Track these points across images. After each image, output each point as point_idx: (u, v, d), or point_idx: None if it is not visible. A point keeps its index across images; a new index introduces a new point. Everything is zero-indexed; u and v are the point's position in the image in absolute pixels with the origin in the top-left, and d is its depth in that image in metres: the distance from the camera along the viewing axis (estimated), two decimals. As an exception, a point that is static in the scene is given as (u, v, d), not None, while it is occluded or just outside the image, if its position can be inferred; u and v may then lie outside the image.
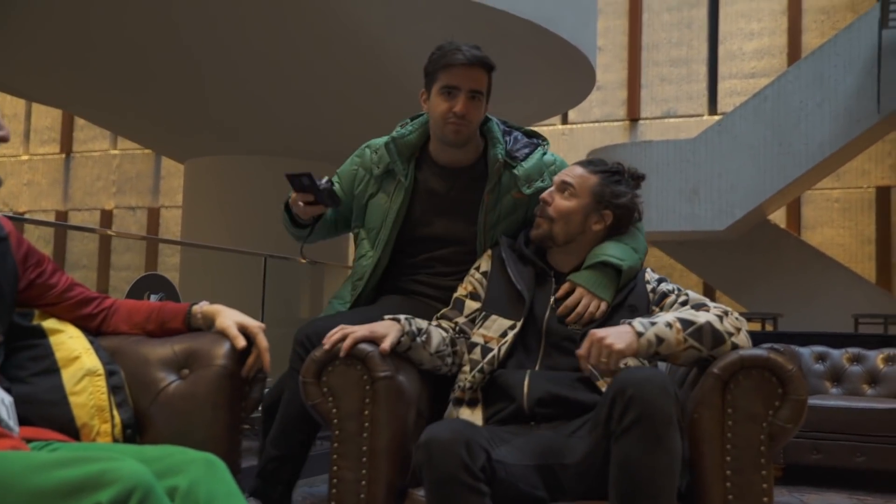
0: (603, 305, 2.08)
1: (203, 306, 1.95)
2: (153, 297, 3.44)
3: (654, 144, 10.43)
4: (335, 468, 1.97)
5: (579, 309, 2.07)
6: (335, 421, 1.98)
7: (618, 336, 1.84)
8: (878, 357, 5.05)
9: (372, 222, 2.40)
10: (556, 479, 1.85)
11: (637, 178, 2.24)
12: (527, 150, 2.35)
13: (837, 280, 10.69)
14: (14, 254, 1.77)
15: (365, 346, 1.97)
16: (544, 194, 2.18)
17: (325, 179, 2.30)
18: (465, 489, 1.69)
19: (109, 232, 11.74)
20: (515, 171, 2.31)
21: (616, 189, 2.17)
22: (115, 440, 1.74)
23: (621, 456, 1.70)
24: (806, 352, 5.13)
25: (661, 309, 2.09)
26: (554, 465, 1.86)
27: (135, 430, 1.79)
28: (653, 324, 1.89)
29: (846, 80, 9.51)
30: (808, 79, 9.70)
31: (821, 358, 5.14)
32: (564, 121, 12.99)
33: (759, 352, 1.89)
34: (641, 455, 1.68)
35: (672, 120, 12.50)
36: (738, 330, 1.93)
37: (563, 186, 2.17)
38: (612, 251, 2.13)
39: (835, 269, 10.83)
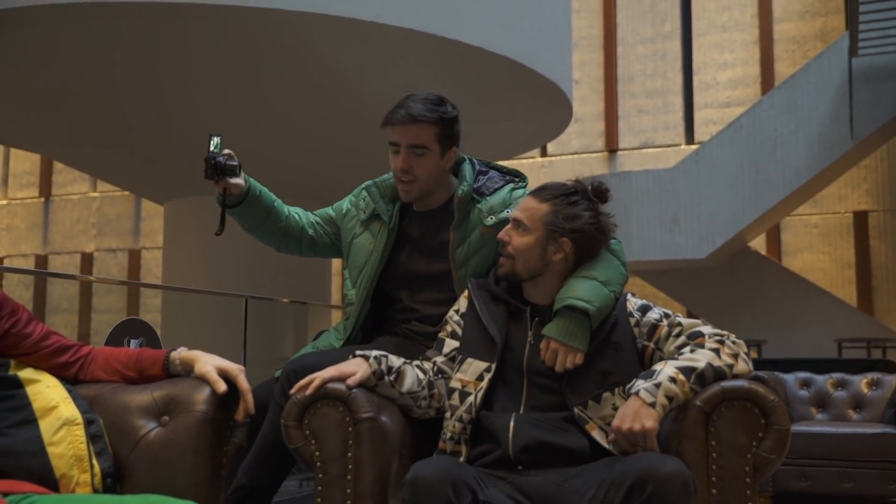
0: (579, 356, 2.00)
1: (181, 352, 1.94)
2: (133, 343, 3.41)
3: (633, 175, 10.51)
4: (320, 511, 1.96)
5: (557, 367, 2.00)
6: (318, 464, 1.96)
7: (644, 416, 1.85)
8: (861, 381, 5.06)
9: (355, 262, 2.40)
10: None
11: (600, 194, 2.10)
12: (496, 186, 2.36)
13: (819, 305, 10.76)
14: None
15: (340, 386, 1.96)
16: (501, 233, 2.13)
17: (223, 152, 2.36)
18: None
19: (90, 278, 11.68)
20: (480, 206, 2.31)
21: (570, 212, 2.06)
22: (94, 490, 1.72)
23: None
24: (790, 378, 5.14)
25: (655, 343, 2.05)
26: None
27: (115, 479, 1.77)
28: (657, 385, 1.87)
29: (819, 108, 9.66)
30: (782, 107, 9.85)
31: (805, 384, 5.15)
32: (544, 153, 13.08)
33: (741, 383, 1.89)
34: None
35: (650, 150, 12.61)
36: (736, 357, 1.94)
37: (516, 223, 2.10)
38: (578, 292, 2.04)
39: (816, 294, 10.90)
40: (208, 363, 1.89)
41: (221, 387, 1.85)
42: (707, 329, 2.01)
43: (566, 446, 1.94)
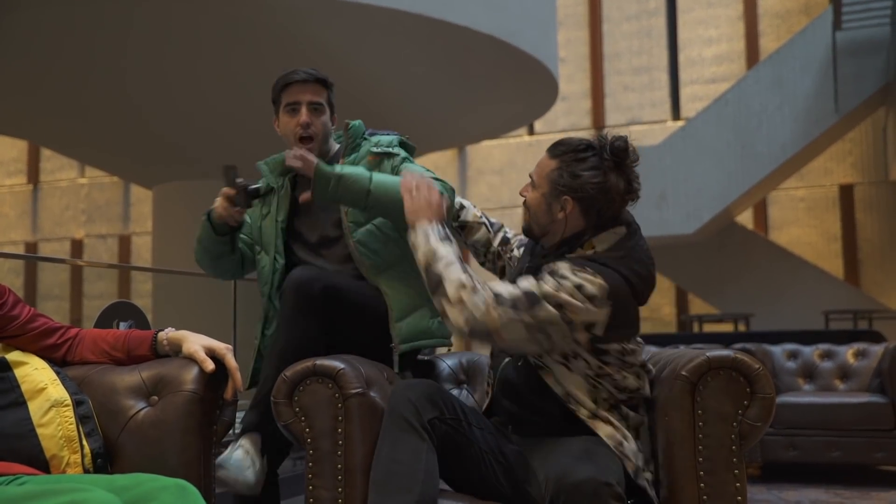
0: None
1: (169, 332, 1.94)
2: (122, 325, 3.40)
3: (621, 152, 10.48)
4: (311, 487, 1.96)
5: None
6: (309, 440, 1.97)
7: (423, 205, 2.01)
8: (848, 352, 5.09)
9: (266, 237, 2.45)
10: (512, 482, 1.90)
11: (617, 152, 1.93)
12: (386, 133, 2.46)
13: (806, 278, 10.82)
14: (-25, 286, 1.76)
15: (335, 363, 1.97)
16: (522, 189, 2.09)
17: (260, 182, 2.37)
18: (409, 427, 1.82)
19: (79, 262, 11.60)
20: (370, 140, 2.42)
21: (574, 170, 1.94)
22: (85, 470, 1.72)
23: None
24: (778, 350, 5.17)
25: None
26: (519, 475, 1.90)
27: (105, 459, 1.77)
28: (427, 237, 1.97)
29: (804, 82, 9.67)
30: (767, 82, 9.85)
31: (792, 355, 5.18)
32: (531, 132, 13.07)
33: (725, 352, 1.90)
34: None
35: (637, 127, 12.60)
36: (460, 302, 1.87)
37: (531, 178, 2.05)
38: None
39: (803, 267, 10.96)
40: (196, 343, 1.89)
41: (209, 366, 1.85)
42: (499, 286, 1.91)
43: (538, 407, 2.00)
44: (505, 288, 1.89)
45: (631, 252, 1.96)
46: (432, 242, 1.96)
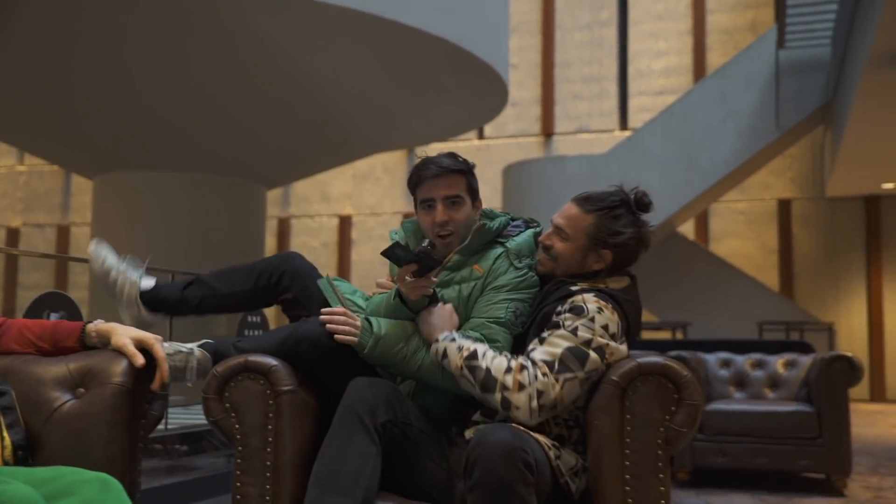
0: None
1: (98, 324, 1.91)
2: (52, 316, 3.32)
3: (568, 160, 10.60)
4: (238, 484, 1.95)
5: None
6: (238, 437, 1.96)
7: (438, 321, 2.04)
8: (778, 362, 5.20)
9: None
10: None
11: (643, 206, 2.13)
12: (519, 229, 2.28)
13: (743, 289, 11.03)
14: None
15: (268, 360, 1.95)
16: (543, 236, 2.14)
17: (425, 242, 2.10)
18: (362, 427, 1.85)
19: (13, 251, 11.31)
20: (507, 245, 2.21)
21: (614, 227, 2.08)
22: (5, 462, 1.68)
23: None
24: (712, 358, 5.27)
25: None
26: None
27: (27, 452, 1.73)
28: (453, 340, 1.99)
29: (747, 98, 9.84)
30: (713, 96, 10.00)
31: (725, 364, 5.27)
32: (481, 136, 13.12)
33: (655, 359, 1.92)
34: None
35: (585, 135, 12.73)
36: (520, 388, 1.88)
37: (557, 229, 2.11)
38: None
39: (740, 278, 11.17)
40: (125, 335, 1.86)
41: (139, 360, 1.83)
42: (539, 354, 1.94)
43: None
44: (543, 352, 1.93)
45: (636, 299, 2.12)
46: (464, 342, 1.98)
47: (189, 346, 2.14)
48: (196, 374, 2.10)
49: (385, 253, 2.01)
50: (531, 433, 1.88)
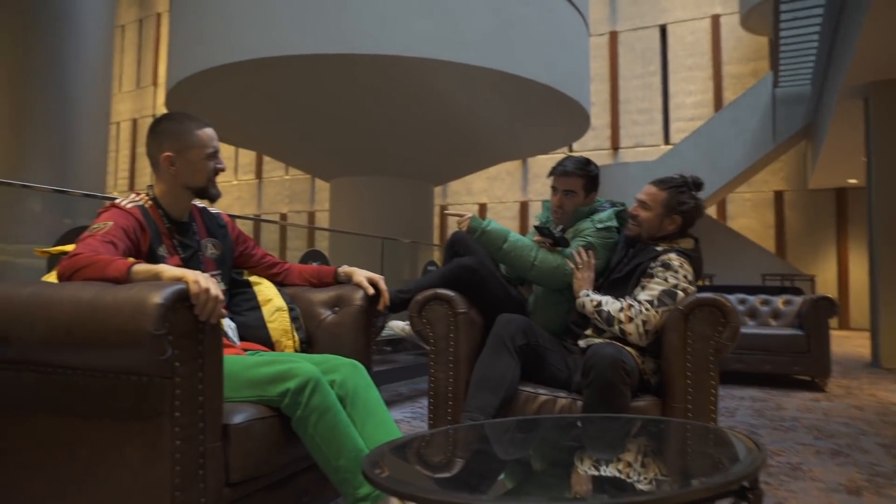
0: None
1: (344, 268, 1.93)
2: (314, 263, 3.45)
3: (629, 165, 10.14)
4: (432, 371, 1.95)
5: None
6: (431, 341, 1.95)
7: (583, 283, 1.93)
8: (779, 301, 4.82)
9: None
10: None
11: (698, 185, 1.98)
12: (605, 208, 2.15)
13: (751, 252, 10.36)
14: (231, 236, 1.79)
15: (449, 292, 1.93)
16: (631, 208, 1.99)
17: (558, 228, 2.11)
18: (505, 348, 1.80)
19: (286, 223, 11.89)
20: (593, 217, 2.10)
21: (681, 199, 1.95)
22: (296, 351, 1.74)
23: (585, 402, 1.69)
24: (732, 297, 4.93)
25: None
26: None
27: (308, 345, 1.78)
28: (588, 295, 1.89)
29: (752, 121, 9.21)
30: (728, 121, 9.40)
31: (742, 302, 4.93)
32: (570, 149, 12.71)
33: (709, 295, 1.80)
34: (593, 404, 1.66)
35: (640, 148, 12.13)
36: (630, 321, 1.80)
37: (641, 203, 1.98)
38: None
39: (749, 245, 10.49)
40: (361, 275, 1.88)
41: (370, 290, 1.84)
42: (643, 296, 1.84)
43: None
44: (646, 294, 1.85)
45: (700, 255, 1.97)
46: (594, 296, 1.89)
47: (401, 323, 2.14)
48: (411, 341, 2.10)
49: (537, 227, 2.06)
50: (626, 347, 1.80)
